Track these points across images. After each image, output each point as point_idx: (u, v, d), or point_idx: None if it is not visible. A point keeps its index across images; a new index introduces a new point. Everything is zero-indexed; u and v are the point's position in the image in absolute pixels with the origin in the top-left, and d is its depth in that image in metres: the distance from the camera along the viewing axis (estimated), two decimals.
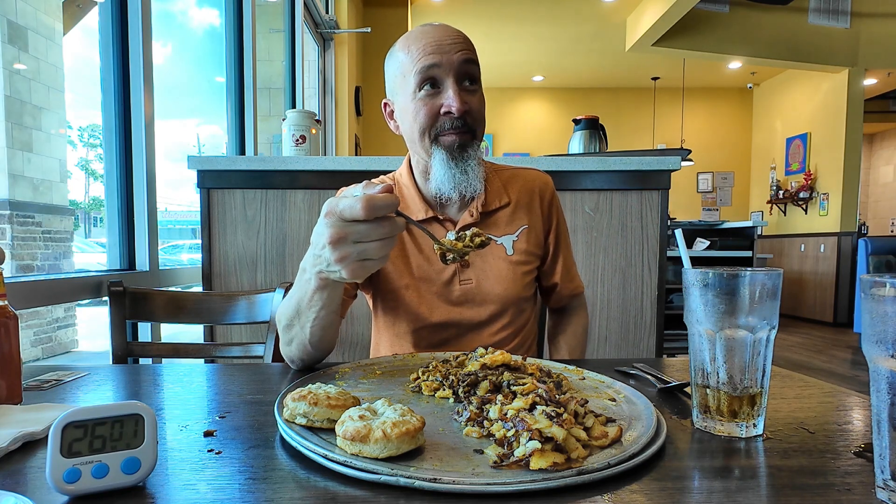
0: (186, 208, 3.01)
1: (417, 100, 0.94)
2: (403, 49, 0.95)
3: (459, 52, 0.93)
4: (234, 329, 1.77)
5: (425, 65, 0.92)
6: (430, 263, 1.01)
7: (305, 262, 0.73)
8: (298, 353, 0.82)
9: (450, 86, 0.93)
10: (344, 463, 0.46)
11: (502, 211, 1.05)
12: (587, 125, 3.18)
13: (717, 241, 4.19)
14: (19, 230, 2.13)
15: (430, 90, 0.93)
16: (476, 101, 0.96)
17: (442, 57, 0.92)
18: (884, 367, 0.43)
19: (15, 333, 0.67)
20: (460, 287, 1.00)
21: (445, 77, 0.93)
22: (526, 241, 1.05)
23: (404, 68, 0.95)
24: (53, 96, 2.19)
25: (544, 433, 0.48)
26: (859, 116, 6.31)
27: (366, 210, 0.59)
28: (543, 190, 1.10)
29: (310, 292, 0.73)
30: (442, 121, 0.94)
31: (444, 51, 0.92)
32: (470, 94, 0.95)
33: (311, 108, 4.07)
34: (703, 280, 0.58)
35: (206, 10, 3.31)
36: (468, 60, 0.94)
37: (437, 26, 0.96)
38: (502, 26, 6.18)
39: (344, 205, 0.60)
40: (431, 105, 0.94)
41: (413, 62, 0.93)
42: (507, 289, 1.02)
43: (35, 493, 0.44)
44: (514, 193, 1.07)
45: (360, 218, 0.60)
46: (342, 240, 0.61)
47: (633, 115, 8.28)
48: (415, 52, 0.93)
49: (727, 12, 5.94)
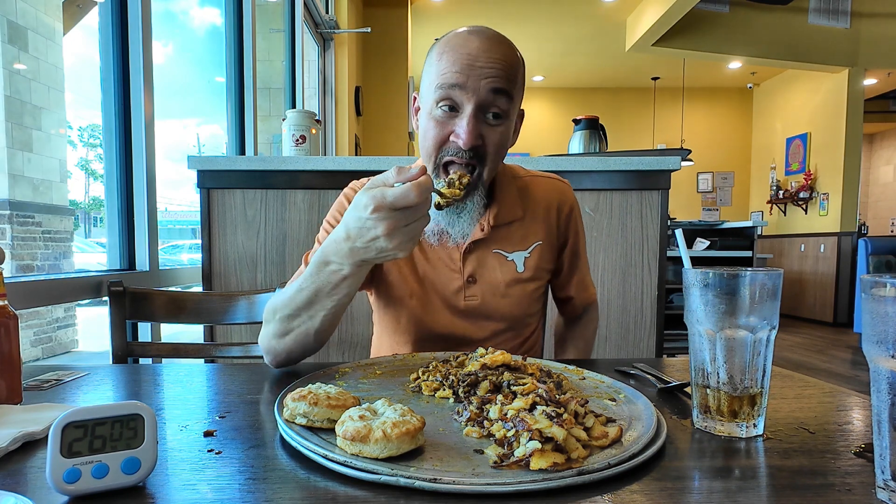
0: (186, 208, 3.01)
1: (432, 118, 0.86)
2: (438, 53, 0.86)
3: (490, 78, 0.82)
4: (234, 329, 1.77)
5: (447, 83, 0.83)
6: (437, 272, 0.97)
7: (330, 254, 0.73)
8: (294, 344, 0.81)
9: (467, 114, 0.83)
10: (344, 463, 0.46)
11: (515, 224, 0.99)
12: (587, 125, 3.18)
13: (717, 241, 4.19)
14: (19, 230, 2.13)
15: (447, 112, 0.85)
16: (495, 137, 0.86)
17: (468, 79, 0.82)
18: (884, 367, 0.43)
19: (15, 333, 0.67)
20: (465, 302, 0.97)
21: (466, 103, 0.83)
22: (538, 257, 0.99)
23: (431, 76, 0.87)
24: (53, 96, 2.19)
25: (544, 433, 0.48)
26: (859, 116, 6.31)
27: (420, 196, 0.63)
28: (562, 203, 1.03)
29: (336, 281, 0.74)
30: (448, 147, 0.86)
31: (474, 72, 0.82)
32: (490, 127, 0.85)
33: (311, 108, 4.07)
34: (703, 280, 0.58)
35: (207, 10, 3.31)
36: (497, 90, 0.83)
37: (481, 36, 0.85)
38: (502, 26, 6.14)
39: (395, 195, 0.63)
40: (442, 128, 0.85)
41: (438, 74, 0.84)
42: (513, 308, 0.98)
43: (35, 493, 0.44)
44: (529, 205, 1.00)
45: (414, 204, 0.63)
46: (397, 228, 0.65)
47: (633, 115, 8.27)
48: (444, 64, 0.84)
49: (727, 12, 5.94)
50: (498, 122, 0.86)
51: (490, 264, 0.97)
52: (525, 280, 0.98)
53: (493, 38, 0.86)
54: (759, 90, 8.15)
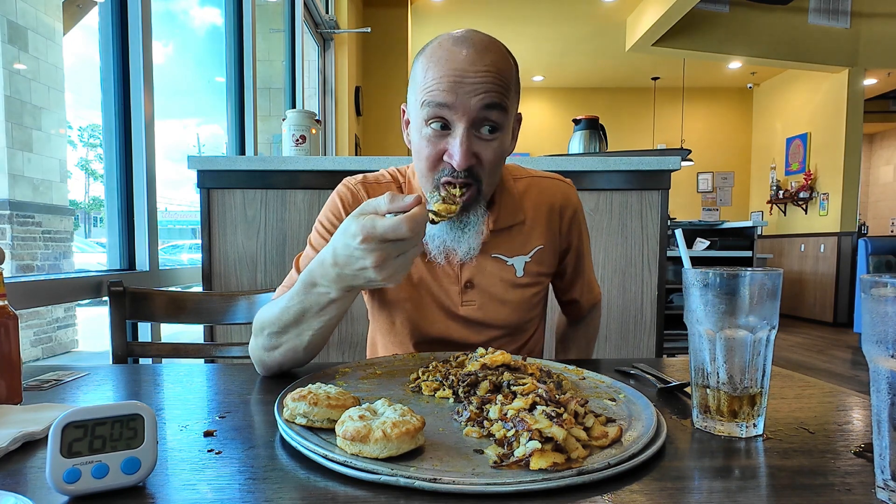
0: (186, 208, 3.01)
1: (423, 136, 0.82)
2: (423, 65, 0.82)
3: (481, 94, 0.78)
4: (234, 329, 1.77)
5: (435, 101, 0.79)
6: (433, 276, 0.94)
7: (317, 276, 0.70)
8: (283, 358, 0.79)
9: (459, 133, 0.79)
10: (344, 463, 0.46)
11: (516, 228, 0.96)
12: (587, 125, 3.18)
13: (717, 241, 4.19)
14: (19, 230, 2.13)
15: (438, 130, 0.81)
16: (490, 152, 0.82)
17: (457, 98, 0.78)
18: (884, 367, 0.43)
19: (15, 333, 0.67)
20: (463, 308, 0.94)
21: (457, 122, 0.80)
22: (539, 262, 0.97)
23: (417, 90, 0.82)
24: (53, 96, 2.19)
25: (544, 433, 0.48)
26: (859, 116, 6.31)
27: (411, 230, 0.60)
28: (564, 206, 0.99)
29: (324, 303, 0.72)
30: (444, 166, 0.82)
31: (463, 89, 0.78)
32: (485, 143, 0.82)
33: (311, 108, 4.07)
34: (703, 280, 0.58)
35: (207, 10, 3.31)
36: (490, 105, 0.79)
37: (467, 45, 0.80)
38: (502, 26, 6.18)
39: (385, 228, 0.60)
40: (434, 147, 0.82)
41: (425, 91, 0.80)
42: (511, 314, 0.96)
43: (35, 493, 0.44)
44: (530, 208, 0.97)
45: (406, 237, 0.60)
46: (387, 260, 0.62)
47: (633, 115, 8.27)
48: (430, 79, 0.79)
49: (727, 12, 5.94)
50: (493, 137, 0.82)
51: (489, 270, 0.94)
52: (524, 285, 0.96)
53: (480, 45, 0.80)
54: (759, 90, 8.15)
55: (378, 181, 0.97)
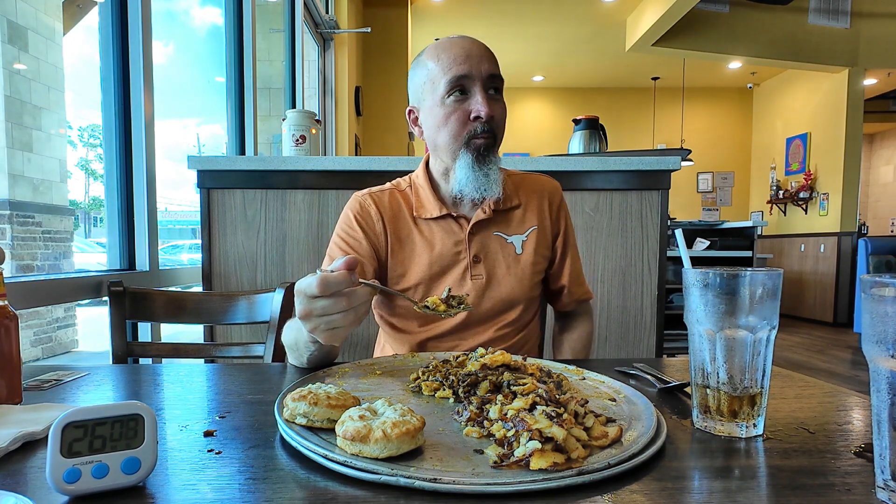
0: (186, 208, 3.01)
1: (446, 105, 0.99)
2: (432, 58, 1.01)
3: (486, 64, 1.00)
4: (234, 329, 1.77)
5: (456, 74, 0.97)
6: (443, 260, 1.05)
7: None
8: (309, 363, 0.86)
9: (478, 92, 0.98)
10: (344, 463, 0.46)
11: (514, 211, 1.10)
12: (587, 125, 3.18)
13: (717, 241, 4.19)
14: (19, 230, 2.13)
15: (459, 97, 0.99)
16: (500, 110, 1.02)
17: (472, 68, 0.98)
18: (884, 367, 0.43)
19: (15, 333, 0.67)
20: (472, 282, 1.05)
21: (473, 86, 0.99)
22: (535, 241, 1.09)
23: (433, 76, 1.00)
24: (53, 96, 2.19)
25: (544, 433, 0.48)
26: (859, 116, 6.30)
27: (320, 288, 0.63)
28: (553, 195, 1.14)
29: (309, 339, 0.77)
30: (471, 126, 0.99)
31: (473, 62, 0.98)
32: (494, 101, 1.01)
33: (311, 108, 4.07)
34: (703, 280, 0.58)
35: (207, 10, 3.31)
36: (493, 76, 1.00)
37: (465, 38, 1.02)
38: (502, 26, 6.18)
39: (303, 284, 0.65)
40: (462, 111, 0.99)
41: (444, 71, 0.98)
42: (515, 286, 1.07)
43: (35, 493, 0.44)
44: (524, 196, 1.12)
45: (317, 295, 0.63)
46: (309, 314, 0.66)
47: (633, 115, 8.27)
48: (445, 61, 0.99)
49: (727, 12, 5.93)
50: (499, 97, 1.03)
51: (493, 246, 1.07)
52: (525, 262, 1.08)
53: (473, 38, 1.02)
54: (759, 90, 8.15)
55: (381, 191, 1.11)
